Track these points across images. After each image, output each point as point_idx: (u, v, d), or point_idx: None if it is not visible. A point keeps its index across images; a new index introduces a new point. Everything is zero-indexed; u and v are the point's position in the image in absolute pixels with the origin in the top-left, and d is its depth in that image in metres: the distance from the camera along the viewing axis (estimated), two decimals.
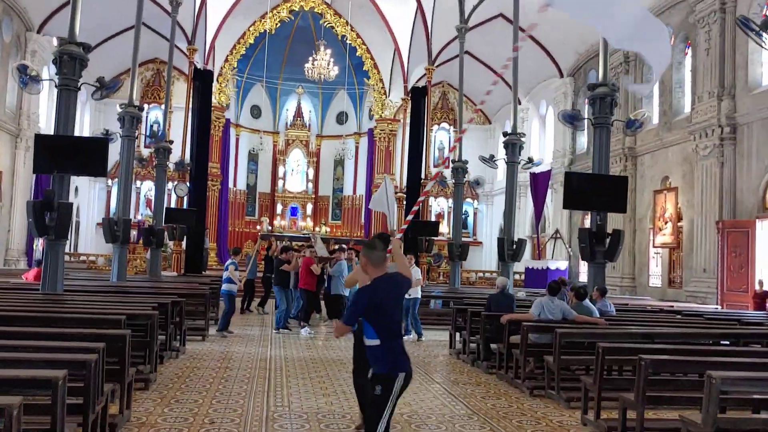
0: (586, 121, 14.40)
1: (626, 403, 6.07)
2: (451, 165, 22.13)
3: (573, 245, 25.59)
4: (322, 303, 15.39)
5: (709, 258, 17.46)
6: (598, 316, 9.40)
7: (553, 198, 26.65)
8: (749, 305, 15.88)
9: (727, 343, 8.55)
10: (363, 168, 35.15)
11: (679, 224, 19.48)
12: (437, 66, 28.31)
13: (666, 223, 19.85)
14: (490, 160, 19.65)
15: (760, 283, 15.25)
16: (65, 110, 11.08)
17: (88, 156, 11.00)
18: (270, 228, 34.14)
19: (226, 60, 30.90)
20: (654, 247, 20.60)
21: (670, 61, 12.04)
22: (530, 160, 19.09)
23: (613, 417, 6.74)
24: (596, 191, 12.19)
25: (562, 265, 24.85)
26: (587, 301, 9.56)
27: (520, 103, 30.36)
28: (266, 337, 12.80)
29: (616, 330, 8.58)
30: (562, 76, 26.92)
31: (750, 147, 16.59)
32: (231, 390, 7.93)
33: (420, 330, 13.36)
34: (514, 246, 16.82)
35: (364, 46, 31.96)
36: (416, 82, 29.61)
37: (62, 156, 10.81)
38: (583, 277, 24.19)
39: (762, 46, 8.32)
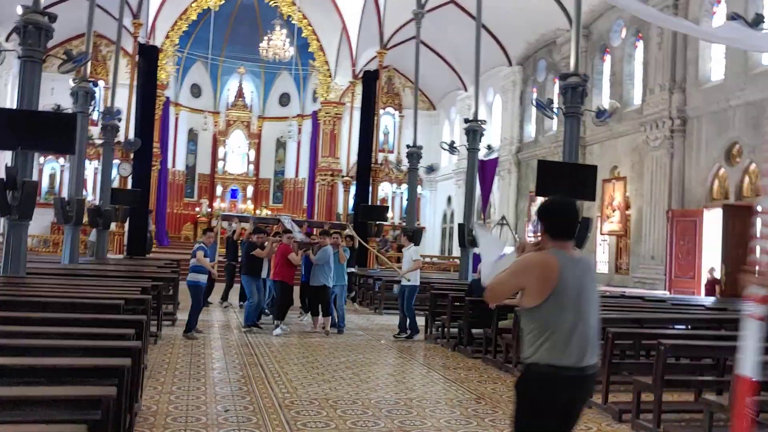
0: (535, 108, 14.70)
1: (640, 386, 6.24)
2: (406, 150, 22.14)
3: (519, 231, 26.15)
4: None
5: (658, 245, 18.14)
6: None
7: (500, 185, 27.07)
8: (695, 291, 16.66)
9: (682, 327, 8.95)
10: (306, 151, 34.80)
11: (626, 212, 20.15)
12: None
13: (614, 211, 20.50)
14: (450, 147, 19.78)
15: (711, 270, 15.98)
16: (29, 83, 10.47)
17: (55, 132, 10.44)
18: (209, 210, 33.47)
19: (167, 36, 29.90)
20: (601, 234, 21.24)
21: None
22: (489, 148, 19.31)
23: (619, 400, 6.94)
24: (567, 179, 12.47)
25: (509, 250, 25.31)
26: None
27: (465, 90, 30.72)
28: (238, 325, 12.53)
29: (605, 316, 8.79)
30: (510, 64, 27.28)
31: (699, 139, 17.28)
32: (228, 378, 7.74)
33: (416, 324, 11.75)
34: (474, 231, 17.03)
35: (310, 27, 31.50)
36: (365, 65, 29.44)
37: (26, 132, 10.21)
38: None
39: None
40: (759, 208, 3.10)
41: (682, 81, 17.90)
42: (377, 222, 23.74)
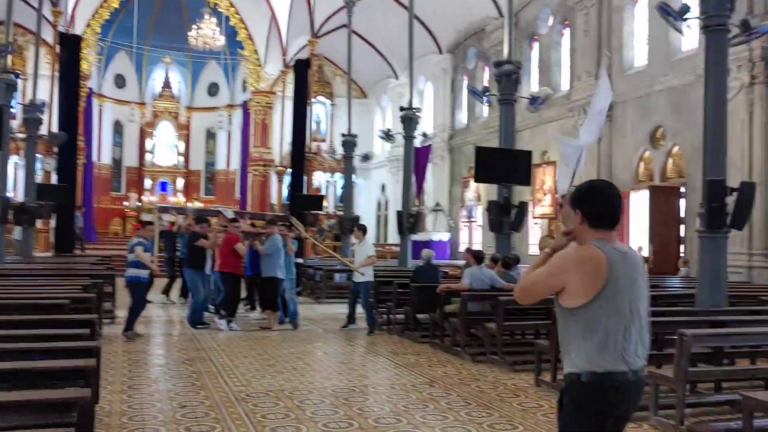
0: (467, 95, 14.98)
1: None
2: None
3: (453, 217, 26.58)
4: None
5: None
6: None
7: (434, 172, 27.38)
8: None
9: None
10: (237, 141, 34.33)
11: (557, 196, 20.73)
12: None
13: (545, 194, 21.08)
14: (387, 135, 19.88)
15: (639, 249, 16.63)
16: None
17: None
18: (139, 204, 32.66)
19: (88, 25, 28.88)
20: (534, 217, 21.79)
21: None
22: (425, 135, 19.52)
23: None
24: (504, 165, 12.75)
25: (445, 236, 25.76)
26: (514, 270, 10.06)
27: (397, 78, 30.89)
28: (180, 320, 12.32)
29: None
30: (441, 52, 27.57)
31: (625, 124, 17.94)
32: (179, 373, 7.63)
33: (373, 319, 11.04)
34: (412, 219, 17.22)
35: (237, 16, 30.98)
36: (295, 54, 29.18)
37: None
38: (463, 248, 25.19)
39: (680, 32, 9.07)
40: None
41: (608, 67, 18.48)
42: (313, 212, 23.69)
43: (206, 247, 11.06)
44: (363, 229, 11.69)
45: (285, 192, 30.94)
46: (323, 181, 32.80)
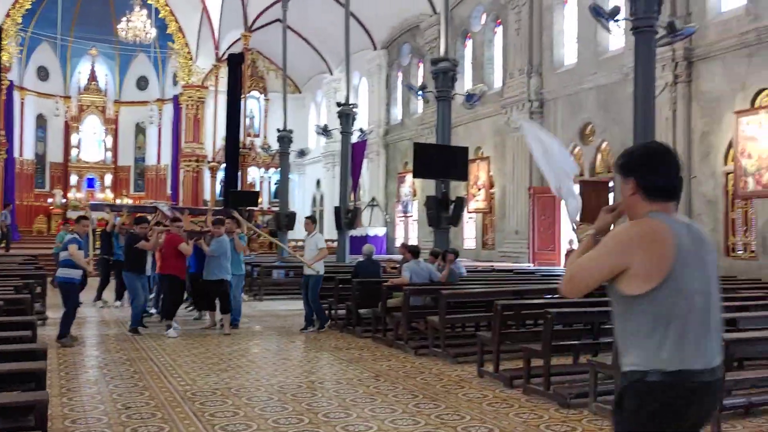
0: (402, 91, 15.14)
1: (530, 353, 6.71)
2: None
3: (389, 212, 26.76)
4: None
5: (521, 221, 19.25)
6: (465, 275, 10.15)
7: (369, 167, 27.50)
8: (556, 262, 17.89)
9: (549, 296, 9.66)
10: (167, 136, 33.60)
11: (491, 191, 21.17)
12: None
13: (479, 189, 21.47)
14: (324, 131, 19.86)
15: (570, 242, 17.17)
16: None
17: None
18: (64, 201, 31.61)
19: (8, 14, 27.77)
20: (468, 212, 22.15)
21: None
22: (362, 131, 19.61)
23: (509, 368, 7.40)
24: (442, 161, 12.97)
25: (381, 231, 25.92)
26: (454, 264, 10.26)
27: (331, 74, 30.86)
28: (116, 321, 12.03)
29: (488, 289, 9.32)
30: (375, 48, 27.67)
31: (556, 120, 18.45)
32: (120, 374, 7.47)
33: (324, 316, 10.96)
34: (349, 214, 17.28)
35: (167, 8, 30.35)
36: (228, 48, 28.79)
37: None
38: (399, 243, 25.41)
39: (609, 32, 9.43)
40: None
41: (539, 65, 19.00)
42: (248, 207, 23.49)
43: (147, 249, 10.54)
44: (314, 220, 11.30)
45: (219, 188, 30.51)
46: (257, 177, 32.47)
